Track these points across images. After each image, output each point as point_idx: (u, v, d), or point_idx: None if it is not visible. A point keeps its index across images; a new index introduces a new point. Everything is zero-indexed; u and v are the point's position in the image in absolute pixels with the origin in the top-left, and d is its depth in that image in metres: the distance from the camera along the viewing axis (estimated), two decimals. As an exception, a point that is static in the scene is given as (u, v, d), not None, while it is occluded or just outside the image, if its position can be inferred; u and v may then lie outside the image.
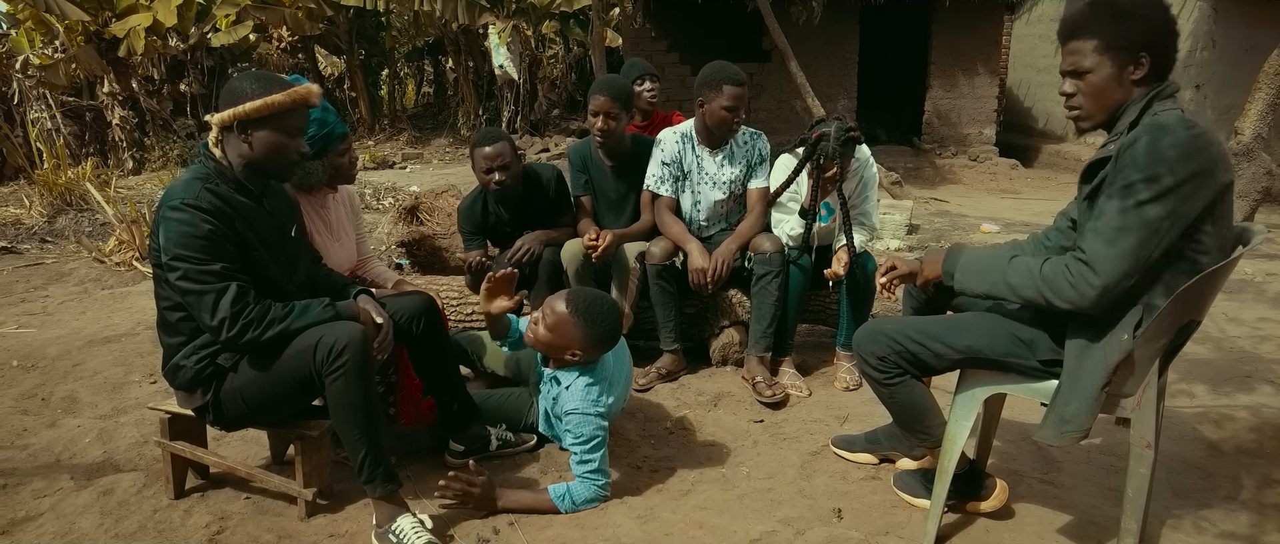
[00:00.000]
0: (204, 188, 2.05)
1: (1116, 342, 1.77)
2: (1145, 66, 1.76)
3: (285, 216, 2.30)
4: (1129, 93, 1.79)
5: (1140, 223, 1.66)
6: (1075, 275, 1.72)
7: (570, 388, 2.41)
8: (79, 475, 2.58)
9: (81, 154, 11.59)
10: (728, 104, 3.14)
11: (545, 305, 2.38)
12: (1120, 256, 1.68)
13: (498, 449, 2.63)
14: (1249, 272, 4.89)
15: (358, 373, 2.06)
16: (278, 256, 2.20)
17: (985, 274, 1.91)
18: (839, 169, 3.04)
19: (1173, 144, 1.63)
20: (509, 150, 3.16)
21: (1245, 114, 5.91)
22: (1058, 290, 1.75)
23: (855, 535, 2.18)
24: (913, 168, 10.74)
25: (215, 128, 2.10)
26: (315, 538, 2.23)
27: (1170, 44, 1.77)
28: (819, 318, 3.65)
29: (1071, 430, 1.81)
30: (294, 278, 2.27)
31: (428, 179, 10.11)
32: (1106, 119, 1.83)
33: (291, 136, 2.14)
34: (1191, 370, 3.29)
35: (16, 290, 5.10)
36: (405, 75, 21.74)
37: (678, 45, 11.30)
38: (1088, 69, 1.80)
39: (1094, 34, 1.77)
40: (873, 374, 2.10)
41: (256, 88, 2.07)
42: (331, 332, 2.06)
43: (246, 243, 2.10)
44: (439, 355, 2.51)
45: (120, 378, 3.46)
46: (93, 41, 11.53)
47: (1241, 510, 2.27)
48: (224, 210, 2.05)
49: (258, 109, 2.05)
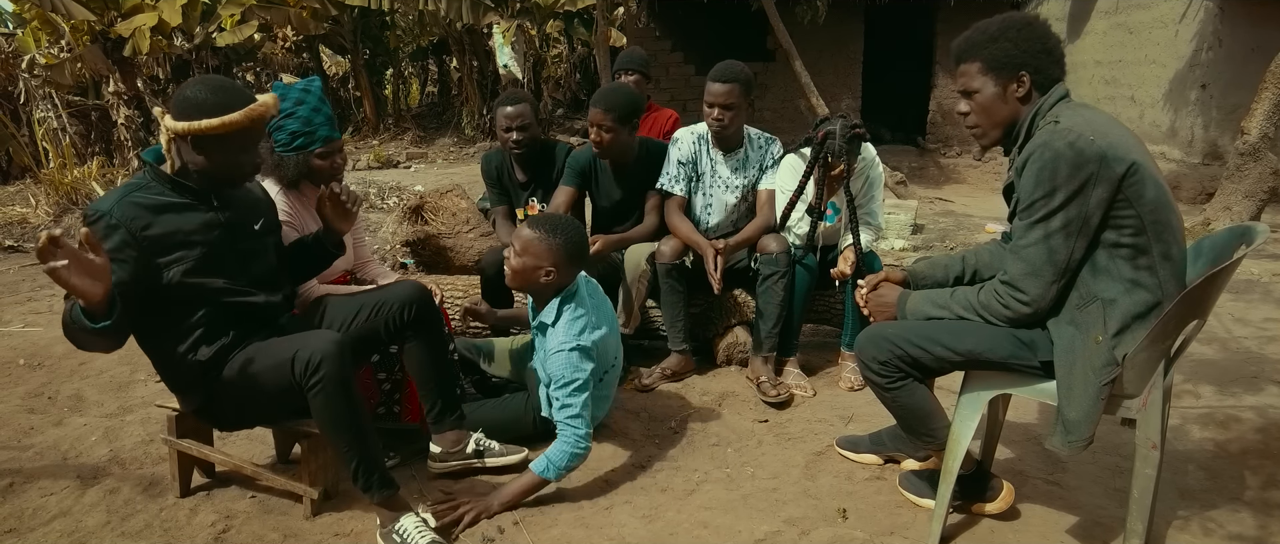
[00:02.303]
0: (127, 199, 2.00)
1: (1092, 345, 1.82)
2: (1026, 84, 1.89)
3: (245, 213, 2.23)
4: (1016, 109, 1.92)
5: (1045, 237, 1.81)
6: (1005, 297, 1.90)
7: (556, 324, 2.49)
8: (85, 473, 2.59)
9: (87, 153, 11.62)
10: (707, 100, 3.18)
11: (512, 238, 2.54)
12: (1036, 272, 1.84)
13: (473, 453, 2.53)
14: (1255, 272, 4.87)
15: (337, 385, 2.02)
16: (220, 254, 2.12)
17: (932, 307, 2.06)
18: (845, 167, 3.04)
19: (1052, 159, 1.77)
20: (529, 112, 3.39)
21: (1251, 114, 5.89)
22: (995, 313, 1.93)
23: (860, 536, 2.18)
24: (917, 167, 10.73)
25: (167, 132, 2.04)
26: (320, 537, 2.23)
27: (1046, 61, 1.90)
28: (824, 318, 3.64)
29: (1076, 438, 1.82)
30: (249, 271, 2.19)
31: (432, 178, 10.12)
32: (1001, 135, 1.97)
33: (246, 151, 2.09)
34: (1197, 371, 3.28)
35: (22, 289, 5.12)
36: (409, 75, 21.76)
37: (682, 45, 11.29)
38: (975, 89, 1.95)
39: (976, 56, 1.93)
40: (875, 378, 2.10)
41: (215, 102, 2.00)
42: (306, 345, 2.02)
43: (163, 248, 2.02)
44: (424, 348, 2.44)
45: (126, 376, 3.47)
46: (98, 41, 11.56)
47: (1247, 511, 2.26)
48: (139, 221, 1.99)
49: (214, 127, 1.99)
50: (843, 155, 3.00)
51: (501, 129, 3.40)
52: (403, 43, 17.26)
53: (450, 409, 2.49)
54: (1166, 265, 1.82)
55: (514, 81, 14.24)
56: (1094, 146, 1.76)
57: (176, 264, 2.05)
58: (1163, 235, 1.81)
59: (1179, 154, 8.19)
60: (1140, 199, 1.78)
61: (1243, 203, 5.94)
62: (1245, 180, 5.96)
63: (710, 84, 3.15)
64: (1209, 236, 2.07)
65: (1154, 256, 1.81)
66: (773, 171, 3.34)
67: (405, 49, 18.00)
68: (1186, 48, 8.03)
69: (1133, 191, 1.78)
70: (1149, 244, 1.80)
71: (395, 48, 17.56)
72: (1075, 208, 1.77)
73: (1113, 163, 1.76)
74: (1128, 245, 1.81)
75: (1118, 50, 9.26)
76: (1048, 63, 1.90)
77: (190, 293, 2.08)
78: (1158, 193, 1.80)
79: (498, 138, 3.46)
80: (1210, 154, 7.90)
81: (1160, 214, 1.80)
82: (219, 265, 2.12)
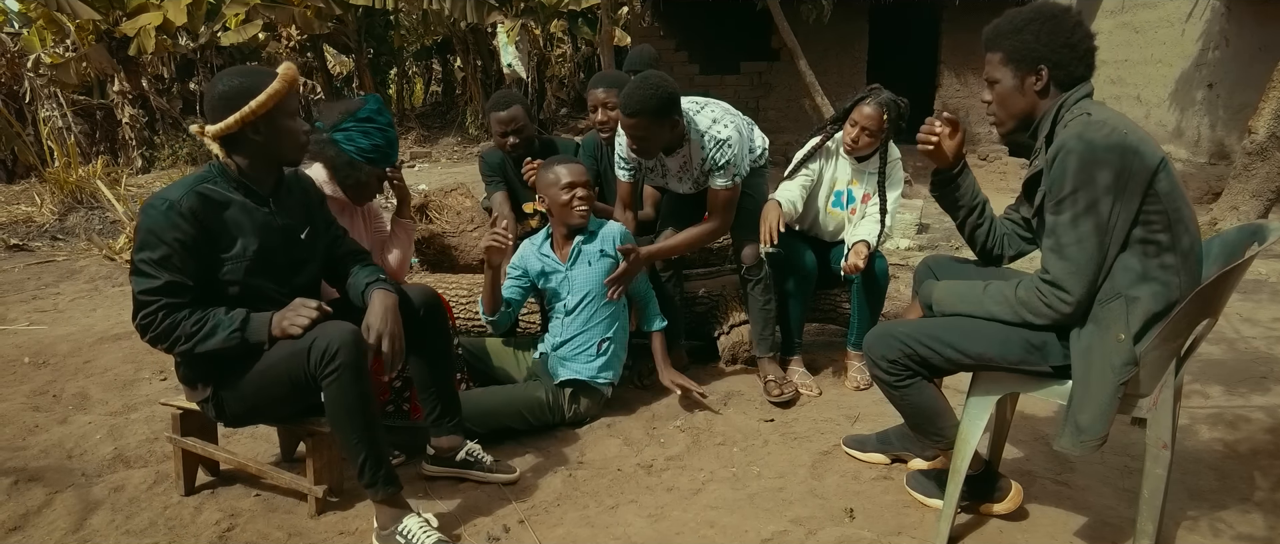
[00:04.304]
0: (196, 189, 2.04)
1: (1113, 342, 1.79)
2: (1044, 78, 1.87)
3: (297, 219, 2.27)
4: (1033, 102, 1.91)
5: (1086, 233, 1.78)
6: (1048, 296, 1.84)
7: (602, 230, 2.91)
8: (90, 472, 2.59)
9: (92, 152, 11.66)
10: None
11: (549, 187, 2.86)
12: (1079, 269, 1.79)
13: (461, 462, 2.50)
14: (1263, 272, 4.85)
15: (353, 376, 2.02)
16: (273, 258, 2.16)
17: (963, 301, 2.01)
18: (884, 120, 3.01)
19: (1088, 152, 1.75)
20: (522, 114, 3.42)
21: (1259, 113, 5.87)
22: (1036, 311, 1.87)
23: (867, 536, 2.16)
24: (923, 167, 10.69)
25: (218, 135, 2.07)
26: (325, 535, 2.22)
27: (1068, 56, 1.87)
28: (829, 317, 3.63)
29: (1089, 438, 1.80)
30: (295, 279, 2.23)
31: (436, 177, 10.13)
32: (1016, 126, 1.96)
33: (293, 116, 2.14)
34: (1206, 371, 3.26)
35: (28, 287, 5.13)
36: (414, 74, 21.79)
37: (686, 44, 11.28)
38: (996, 79, 1.94)
39: (999, 47, 1.92)
40: (883, 377, 2.08)
41: (250, 83, 2.06)
42: (325, 334, 2.02)
43: (226, 243, 2.07)
44: (429, 352, 2.43)
45: (130, 375, 3.47)
46: (103, 40, 11.60)
47: (1258, 512, 2.25)
48: (208, 213, 2.03)
49: (264, 103, 2.05)
50: (885, 108, 2.99)
51: (498, 134, 3.41)
52: (407, 42, 17.30)
53: (450, 414, 2.49)
54: (1188, 262, 1.81)
55: (518, 81, 14.26)
56: (1128, 141, 1.74)
57: (234, 261, 2.09)
58: (1185, 230, 1.80)
59: (1185, 154, 8.16)
60: (1168, 194, 1.77)
61: (1250, 202, 5.92)
62: (1253, 180, 5.93)
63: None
64: (1220, 236, 2.05)
65: (1177, 253, 1.79)
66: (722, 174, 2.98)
67: (409, 48, 18.04)
68: (1193, 47, 8.01)
69: (1162, 185, 1.77)
70: (1173, 240, 1.79)
71: (399, 47, 17.61)
72: (1109, 202, 1.75)
73: (1146, 157, 1.75)
74: (1154, 241, 1.79)
75: (1124, 49, 9.23)
76: (1070, 58, 1.86)
77: (238, 290, 2.11)
78: (1178, 187, 1.80)
79: (494, 141, 3.48)
80: (1217, 154, 7.87)
81: (1181, 209, 1.80)
82: (269, 267, 2.16)
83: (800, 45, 9.00)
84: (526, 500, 2.39)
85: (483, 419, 2.67)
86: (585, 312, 2.86)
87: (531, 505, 2.36)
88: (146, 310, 2.01)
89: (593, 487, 2.47)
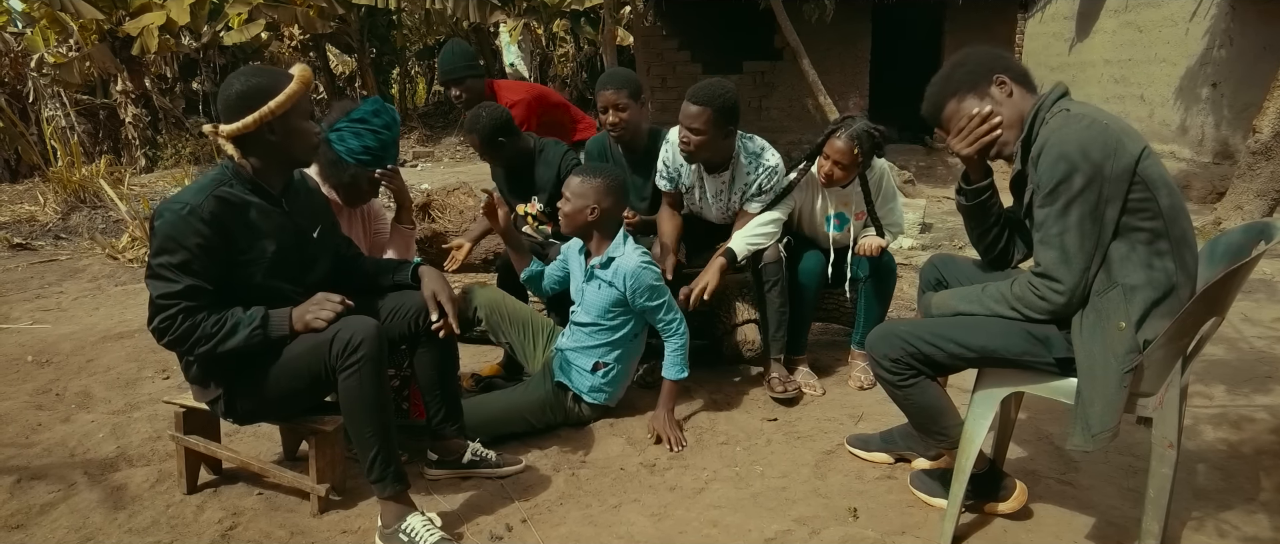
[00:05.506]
0: (214, 193, 2.04)
1: (1114, 332, 1.80)
2: (1006, 82, 1.96)
3: (307, 219, 2.28)
4: (1018, 104, 1.96)
5: (1073, 223, 1.80)
6: (1041, 287, 1.87)
7: (622, 256, 2.74)
8: (92, 470, 2.59)
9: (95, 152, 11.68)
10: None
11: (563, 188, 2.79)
12: (1071, 259, 1.82)
13: (469, 464, 2.50)
14: (1266, 271, 4.83)
15: (374, 368, 2.04)
16: (288, 257, 2.17)
17: (963, 302, 2.05)
18: (858, 154, 2.96)
19: (1070, 143, 1.78)
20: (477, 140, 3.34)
21: (1263, 112, 5.85)
22: (1031, 305, 1.90)
23: (871, 535, 2.16)
24: (925, 167, 10.68)
25: (235, 134, 2.07)
26: (328, 534, 2.22)
27: (1006, 62, 2.00)
28: (833, 316, 3.62)
29: (1099, 432, 1.79)
30: (306, 279, 2.24)
31: (439, 177, 10.13)
32: (1021, 129, 1.98)
33: (307, 118, 2.15)
34: (1209, 371, 3.25)
35: (31, 286, 5.13)
36: (416, 73, 21.79)
37: (689, 44, 11.27)
38: (983, 106, 1.98)
39: (954, 91, 2.01)
40: (886, 376, 2.08)
41: (267, 83, 2.06)
42: (347, 326, 2.04)
43: (245, 245, 2.08)
44: (434, 355, 2.42)
45: (133, 373, 3.47)
46: (106, 40, 11.62)
47: (1263, 512, 2.24)
48: (228, 216, 2.04)
49: (283, 103, 2.05)
50: (856, 140, 2.94)
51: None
52: (409, 41, 17.31)
53: (453, 418, 2.49)
54: (1183, 250, 1.82)
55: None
56: (1110, 130, 1.78)
57: (254, 262, 2.10)
58: (1176, 217, 1.82)
59: (1189, 153, 8.14)
60: (1154, 181, 1.79)
61: (1254, 202, 5.91)
62: (1257, 179, 5.92)
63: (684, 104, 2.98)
64: (1225, 235, 2.05)
65: (1170, 239, 1.81)
66: (761, 198, 3.10)
67: (412, 48, 18.05)
68: (1197, 46, 7.99)
69: (1148, 174, 1.79)
70: (1165, 228, 1.80)
71: (402, 46, 17.62)
72: (1097, 190, 1.77)
73: (1129, 144, 1.78)
74: (1146, 229, 1.80)
75: (1127, 49, 9.21)
76: (1010, 63, 1.99)
77: (255, 291, 2.11)
78: (1164, 174, 1.82)
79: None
80: (1221, 153, 7.85)
81: (1170, 195, 1.81)
82: (286, 267, 2.17)
83: (803, 44, 8.98)
84: (529, 499, 2.39)
85: (486, 427, 2.66)
86: (588, 327, 2.81)
87: (534, 504, 2.36)
88: (165, 314, 2.00)
89: (596, 486, 2.47)
